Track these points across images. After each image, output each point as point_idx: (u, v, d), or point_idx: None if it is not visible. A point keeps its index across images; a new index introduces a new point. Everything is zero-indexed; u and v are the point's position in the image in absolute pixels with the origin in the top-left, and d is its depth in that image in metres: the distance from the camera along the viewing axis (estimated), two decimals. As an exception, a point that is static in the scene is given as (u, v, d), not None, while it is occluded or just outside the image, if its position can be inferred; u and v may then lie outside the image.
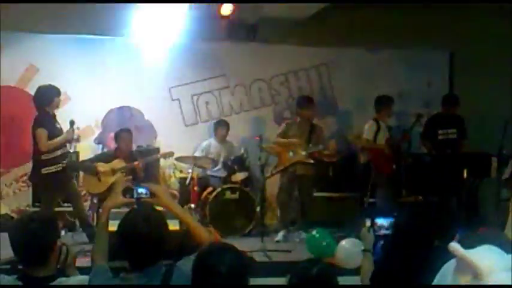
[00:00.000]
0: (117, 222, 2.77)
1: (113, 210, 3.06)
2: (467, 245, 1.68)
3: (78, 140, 6.80)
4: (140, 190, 3.00)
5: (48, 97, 6.45)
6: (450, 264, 1.65)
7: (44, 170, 6.33)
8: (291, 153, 7.39)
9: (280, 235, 7.35)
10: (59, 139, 6.37)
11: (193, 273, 2.37)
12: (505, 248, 1.68)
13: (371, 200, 7.45)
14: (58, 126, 6.52)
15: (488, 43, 8.82)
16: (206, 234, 2.95)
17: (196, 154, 8.12)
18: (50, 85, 6.55)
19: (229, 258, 2.33)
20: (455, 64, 9.58)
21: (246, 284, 2.39)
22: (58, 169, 6.39)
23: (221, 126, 8.31)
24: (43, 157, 6.35)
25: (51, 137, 6.34)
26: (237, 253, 2.42)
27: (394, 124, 7.97)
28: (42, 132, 6.32)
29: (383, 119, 7.64)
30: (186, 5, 8.16)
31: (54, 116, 6.55)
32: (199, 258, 2.39)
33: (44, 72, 8.27)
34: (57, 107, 6.57)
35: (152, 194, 2.98)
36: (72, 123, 6.52)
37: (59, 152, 6.40)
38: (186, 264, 2.58)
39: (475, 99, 8.56)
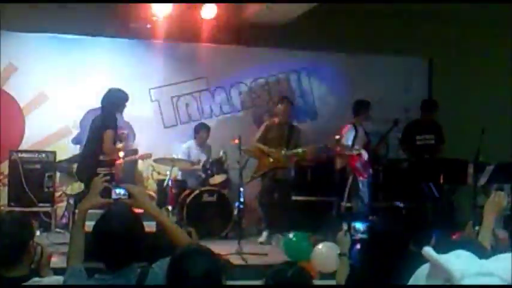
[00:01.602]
0: (93, 223, 2.75)
1: (90, 211, 3.04)
2: (442, 250, 1.70)
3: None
4: (118, 191, 2.98)
5: (119, 100, 6.40)
6: (423, 269, 1.67)
7: (100, 170, 6.24)
8: (270, 158, 7.41)
9: (264, 236, 7.37)
10: (120, 146, 6.55)
11: (168, 275, 2.36)
12: (478, 254, 1.70)
13: (348, 204, 7.49)
14: (118, 131, 6.55)
15: (466, 51, 8.94)
16: (183, 236, 2.93)
17: (179, 156, 8.10)
18: (121, 89, 6.46)
19: (203, 261, 2.32)
20: (434, 71, 9.67)
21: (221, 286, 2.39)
22: (112, 171, 6.35)
23: (202, 130, 8.29)
24: (100, 157, 6.29)
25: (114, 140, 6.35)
26: (211, 256, 2.41)
27: (372, 129, 8.01)
28: (111, 134, 6.25)
29: (360, 123, 7.69)
30: (168, 7, 8.15)
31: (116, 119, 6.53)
32: (174, 261, 2.38)
33: (22, 71, 8.19)
34: (122, 112, 6.56)
35: (130, 195, 2.96)
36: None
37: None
38: (161, 266, 2.57)
39: (453, 106, 8.66)
